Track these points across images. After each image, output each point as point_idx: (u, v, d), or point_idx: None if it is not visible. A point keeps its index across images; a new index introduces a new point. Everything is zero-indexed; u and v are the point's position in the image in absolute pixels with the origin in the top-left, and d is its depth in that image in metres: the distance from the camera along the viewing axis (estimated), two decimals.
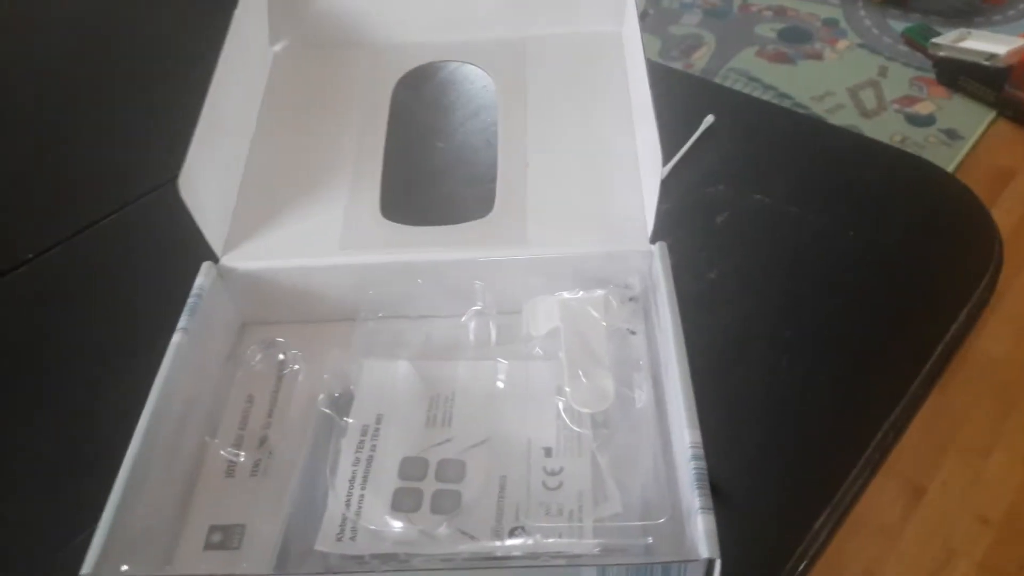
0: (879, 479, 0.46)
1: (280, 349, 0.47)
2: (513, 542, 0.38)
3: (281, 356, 0.47)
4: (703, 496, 0.35)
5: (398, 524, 0.38)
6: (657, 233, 0.46)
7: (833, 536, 0.44)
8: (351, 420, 0.42)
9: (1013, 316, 1.33)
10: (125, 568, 0.36)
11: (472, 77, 0.70)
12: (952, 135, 1.65)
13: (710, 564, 0.34)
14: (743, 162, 0.64)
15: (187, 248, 0.46)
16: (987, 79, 1.68)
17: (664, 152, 0.43)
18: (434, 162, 0.66)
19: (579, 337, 0.44)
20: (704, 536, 0.34)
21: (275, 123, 0.54)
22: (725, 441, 0.40)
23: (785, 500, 0.45)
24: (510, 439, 0.42)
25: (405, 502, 0.39)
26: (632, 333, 0.45)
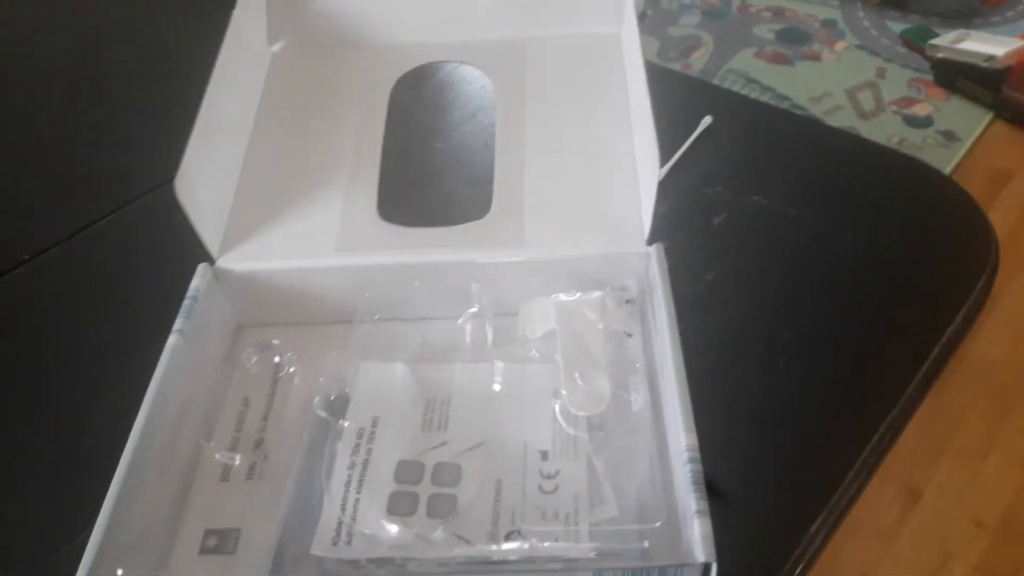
0: (875, 482, 0.46)
1: (276, 352, 0.47)
2: (509, 546, 0.38)
3: (277, 359, 0.46)
4: (699, 499, 0.35)
5: (394, 528, 0.38)
6: (654, 235, 0.45)
7: (829, 539, 0.44)
8: (347, 423, 0.42)
9: (1010, 318, 1.33)
10: (120, 572, 0.36)
11: (470, 78, 0.70)
12: (950, 136, 1.65)
13: (706, 568, 0.34)
14: (741, 163, 0.64)
15: (183, 249, 0.46)
16: (985, 81, 1.68)
17: (662, 153, 0.43)
18: (432, 163, 0.66)
19: (575, 339, 0.44)
20: (700, 540, 0.34)
21: (273, 124, 0.54)
22: (721, 443, 0.40)
23: (781, 503, 0.45)
24: (506, 442, 0.42)
25: (401, 506, 0.39)
26: (628, 335, 0.45)
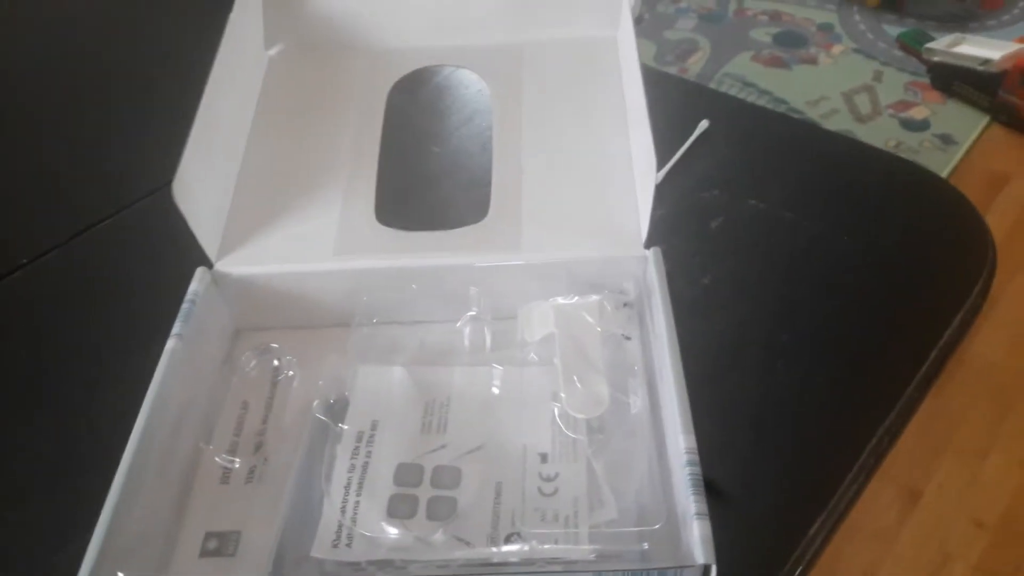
0: (875, 483, 0.46)
1: (275, 355, 0.47)
2: (509, 548, 0.38)
3: (276, 362, 0.46)
4: (698, 501, 0.35)
5: (394, 530, 0.38)
6: (652, 238, 0.46)
7: (829, 541, 0.44)
8: (346, 426, 0.42)
9: (1008, 320, 1.33)
10: (121, 575, 0.36)
11: (467, 82, 0.70)
12: (946, 140, 1.65)
13: (706, 570, 0.34)
14: (738, 167, 0.64)
15: (181, 253, 0.46)
16: (981, 84, 1.68)
17: (658, 157, 0.43)
18: (429, 167, 0.66)
19: (574, 342, 0.44)
20: (700, 542, 0.34)
21: (270, 128, 0.54)
22: (720, 446, 0.40)
23: (781, 504, 0.45)
24: (505, 445, 0.42)
25: (401, 508, 0.39)
26: (627, 338, 0.45)
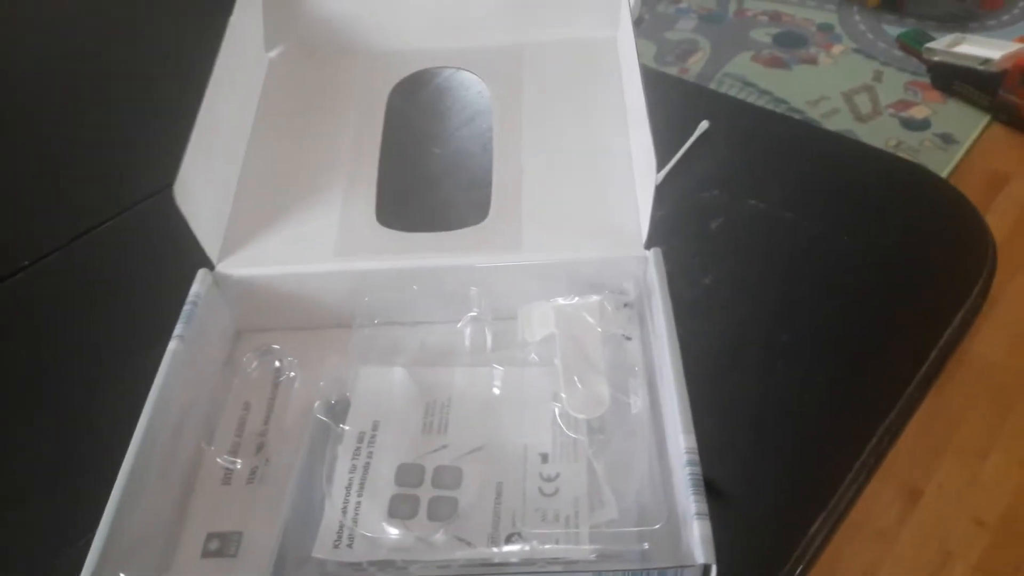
0: (875, 482, 0.46)
1: (276, 356, 0.47)
2: (509, 548, 0.38)
3: (277, 363, 0.47)
4: (699, 501, 0.35)
5: (395, 531, 0.38)
6: (652, 239, 0.46)
7: (829, 540, 0.44)
8: (347, 427, 0.42)
9: (1008, 320, 1.33)
10: None
11: (467, 83, 0.71)
12: (947, 139, 1.65)
13: (706, 570, 0.34)
14: (737, 168, 0.65)
15: (183, 255, 0.46)
16: (981, 84, 1.68)
17: (659, 158, 0.43)
18: (430, 168, 0.66)
19: (574, 343, 0.44)
20: (700, 542, 0.34)
21: (271, 129, 0.54)
22: (720, 446, 0.40)
23: (781, 504, 0.45)
24: (506, 445, 0.42)
25: (402, 509, 0.39)
26: (627, 339, 0.45)
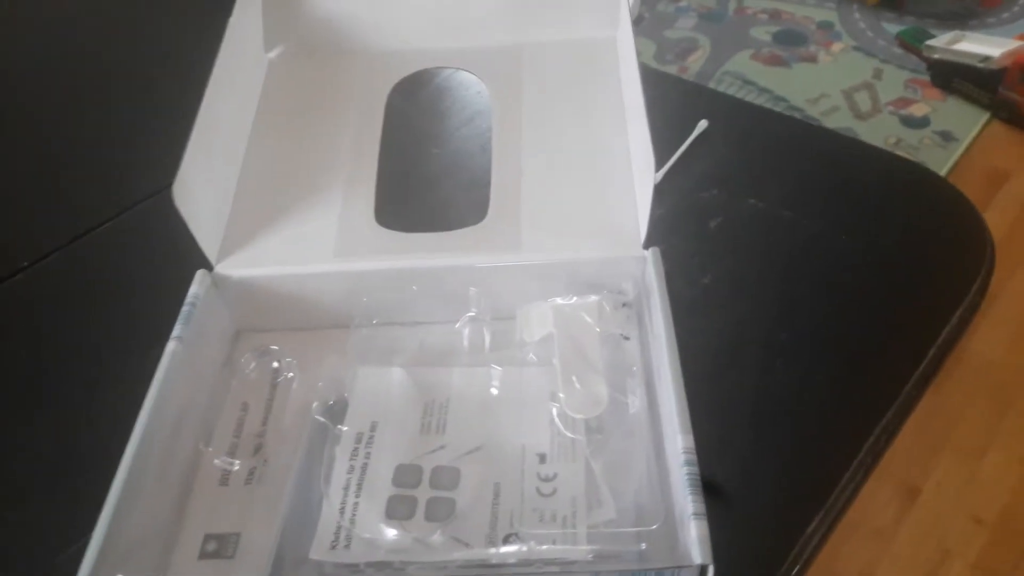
0: (874, 481, 0.47)
1: (274, 357, 0.47)
2: (507, 549, 0.38)
3: (275, 364, 0.47)
4: (696, 501, 0.36)
5: (392, 532, 0.38)
6: (650, 238, 0.46)
7: (827, 539, 0.44)
8: (345, 428, 0.42)
9: (1007, 318, 1.33)
10: None
11: (467, 83, 0.71)
12: (947, 137, 1.65)
13: (703, 570, 0.34)
14: (736, 167, 0.65)
15: (182, 255, 0.46)
16: (981, 81, 1.68)
17: (657, 157, 0.43)
18: (429, 168, 0.66)
19: (573, 343, 0.44)
20: (697, 542, 0.34)
21: (270, 130, 0.54)
22: (718, 445, 0.40)
23: (779, 503, 0.46)
24: (504, 445, 0.42)
25: (399, 510, 0.39)
26: (626, 339, 0.45)
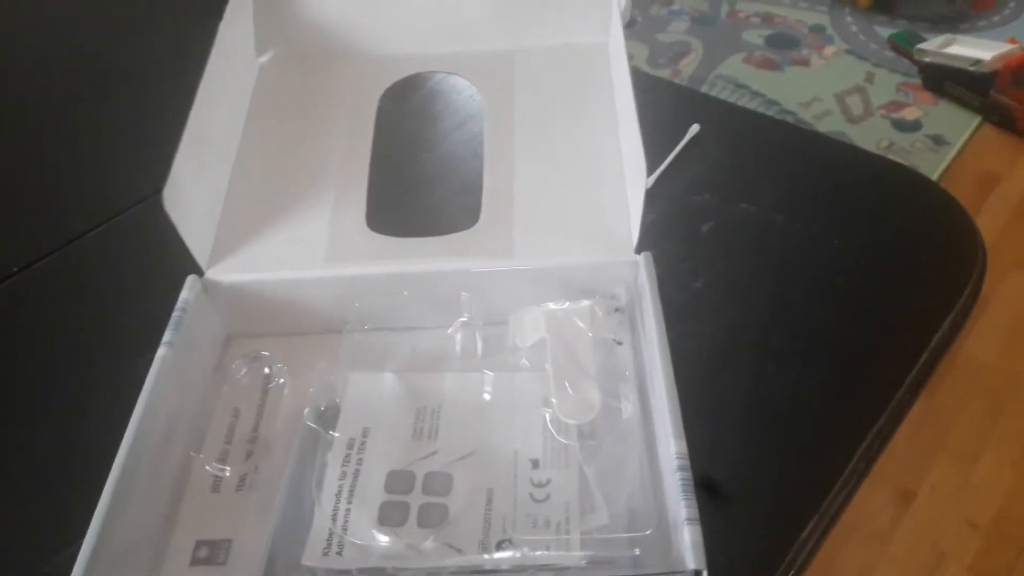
0: (868, 485, 0.46)
1: (265, 362, 0.47)
2: (500, 555, 0.38)
3: (267, 370, 0.46)
4: (689, 506, 0.35)
5: (385, 538, 0.38)
6: (643, 243, 0.46)
7: (821, 544, 0.44)
8: (337, 434, 0.42)
9: (999, 321, 1.34)
10: None
11: (459, 88, 0.70)
12: (938, 140, 1.66)
13: (697, 575, 0.34)
14: (728, 171, 0.65)
15: (172, 261, 0.46)
16: (973, 84, 1.69)
17: (649, 162, 0.43)
18: (420, 173, 0.66)
19: (565, 348, 0.44)
20: (691, 547, 0.34)
21: (261, 135, 0.54)
22: (711, 450, 0.40)
23: (772, 508, 0.45)
24: (497, 451, 0.42)
25: (392, 516, 0.39)
26: (618, 343, 0.45)
